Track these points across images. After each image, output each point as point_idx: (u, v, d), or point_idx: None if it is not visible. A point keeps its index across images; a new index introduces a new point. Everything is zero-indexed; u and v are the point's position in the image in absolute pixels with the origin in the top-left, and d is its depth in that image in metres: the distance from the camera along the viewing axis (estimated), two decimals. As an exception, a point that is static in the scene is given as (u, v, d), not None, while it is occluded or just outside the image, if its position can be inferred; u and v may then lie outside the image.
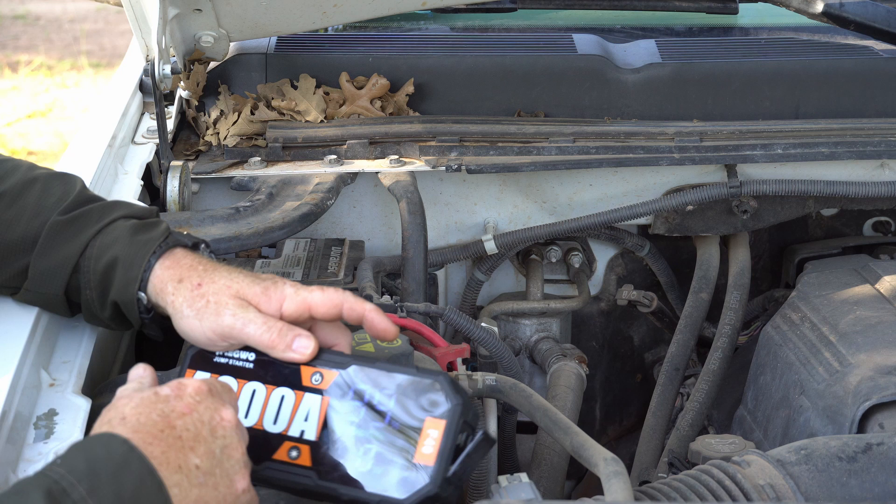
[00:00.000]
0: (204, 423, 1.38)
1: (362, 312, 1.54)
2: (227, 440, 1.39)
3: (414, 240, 2.23)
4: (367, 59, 2.56)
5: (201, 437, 1.37)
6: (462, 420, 1.41)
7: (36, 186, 1.72)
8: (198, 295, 1.57)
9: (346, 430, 1.45)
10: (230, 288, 1.56)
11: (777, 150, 2.41)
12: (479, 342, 2.08)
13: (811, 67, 2.57)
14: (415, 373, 1.46)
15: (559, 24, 2.96)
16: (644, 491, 1.65)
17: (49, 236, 1.67)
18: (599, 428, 2.71)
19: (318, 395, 1.48)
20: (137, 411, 1.36)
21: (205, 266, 1.60)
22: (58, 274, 1.67)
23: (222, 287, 1.56)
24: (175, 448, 1.34)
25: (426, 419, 1.42)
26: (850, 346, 2.00)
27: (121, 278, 1.63)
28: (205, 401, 1.40)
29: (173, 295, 1.59)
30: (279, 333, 1.51)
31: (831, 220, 2.67)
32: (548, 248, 2.58)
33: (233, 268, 1.61)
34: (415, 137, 2.42)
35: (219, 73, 2.54)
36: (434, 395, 1.43)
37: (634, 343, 2.72)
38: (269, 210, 2.20)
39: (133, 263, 1.62)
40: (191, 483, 1.34)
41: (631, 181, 2.50)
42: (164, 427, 1.35)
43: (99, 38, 8.37)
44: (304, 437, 1.46)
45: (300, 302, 1.54)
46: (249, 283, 1.56)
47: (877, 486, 1.62)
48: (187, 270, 1.60)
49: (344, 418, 1.46)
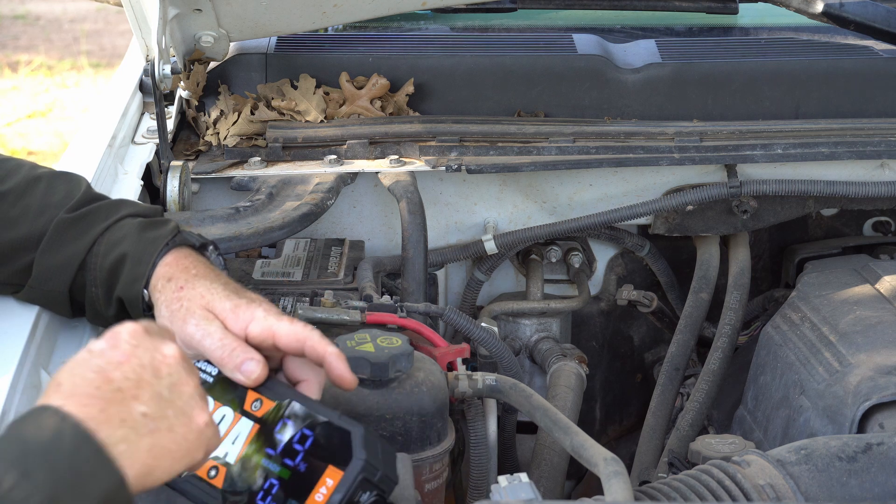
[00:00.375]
0: (145, 366, 1.31)
1: (323, 354, 1.51)
2: (175, 377, 1.32)
3: (414, 240, 2.23)
4: (367, 59, 2.56)
5: (144, 382, 1.29)
6: (363, 478, 1.39)
7: (40, 185, 1.72)
8: (175, 297, 1.57)
9: (259, 461, 1.45)
10: (203, 298, 1.56)
11: (777, 150, 2.41)
12: (479, 342, 2.08)
13: (811, 67, 2.57)
14: (337, 418, 1.44)
15: (559, 24, 2.96)
16: (644, 491, 1.65)
17: (56, 233, 1.68)
18: (599, 428, 2.71)
19: (251, 422, 1.49)
20: (71, 374, 1.28)
21: (197, 270, 1.60)
22: (64, 270, 1.67)
23: (197, 295, 1.56)
24: (115, 402, 1.26)
25: (329, 466, 1.41)
26: (850, 346, 2.00)
27: (128, 274, 1.63)
28: (142, 343, 1.33)
29: (160, 292, 1.59)
30: (230, 352, 1.50)
31: (831, 220, 2.67)
32: (548, 248, 2.58)
33: (223, 278, 1.60)
34: (415, 137, 2.42)
35: (219, 73, 2.54)
36: (350, 445, 1.42)
37: (634, 343, 2.72)
38: (269, 210, 2.20)
39: (141, 260, 1.62)
40: (139, 433, 1.25)
41: (631, 181, 2.50)
42: (101, 383, 1.27)
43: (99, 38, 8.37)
44: (225, 460, 1.47)
45: (266, 328, 1.53)
46: (222, 298, 1.55)
47: (877, 486, 1.63)
48: (180, 271, 1.60)
49: (263, 448, 1.46)
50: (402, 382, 1.70)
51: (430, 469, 1.72)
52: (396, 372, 1.69)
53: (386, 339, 1.71)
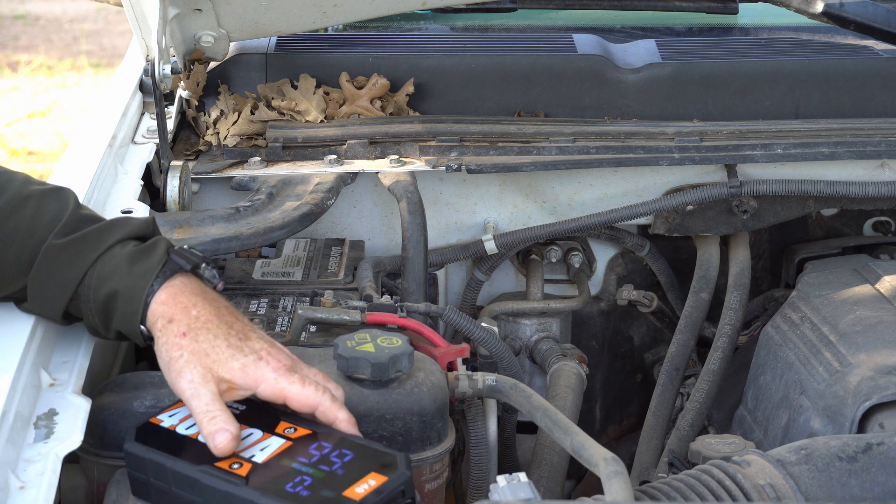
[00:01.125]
0: None
1: (334, 420, 1.58)
2: None
3: (414, 240, 2.23)
4: (367, 59, 2.56)
5: None
6: (403, 489, 1.48)
7: (30, 204, 1.69)
8: (176, 345, 1.58)
9: (291, 464, 1.51)
10: (208, 357, 1.57)
11: (777, 150, 2.41)
12: (479, 342, 2.08)
13: (811, 67, 2.57)
14: (380, 447, 1.55)
15: (559, 24, 2.96)
16: (644, 491, 1.65)
17: (45, 261, 1.66)
18: (599, 428, 2.71)
19: (283, 440, 1.54)
20: None
21: (198, 311, 1.60)
22: (56, 299, 1.66)
23: (200, 351, 1.57)
24: None
25: (371, 472, 1.48)
26: (850, 345, 2.00)
27: (122, 311, 1.62)
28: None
29: (160, 332, 1.59)
30: (210, 419, 1.53)
31: (831, 220, 2.66)
32: (548, 248, 2.58)
33: (225, 320, 1.60)
34: (415, 137, 2.42)
35: (219, 73, 2.54)
36: (391, 463, 1.50)
37: (634, 343, 2.71)
38: (269, 210, 2.20)
39: (133, 297, 1.61)
40: None
41: (631, 181, 2.50)
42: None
43: (99, 38, 8.37)
44: (252, 459, 1.51)
45: (276, 391, 1.57)
46: (228, 359, 1.57)
47: (877, 486, 1.63)
48: (180, 312, 1.60)
49: (294, 457, 1.52)
50: (402, 382, 1.70)
51: (430, 469, 1.72)
52: (396, 372, 1.69)
53: (386, 339, 1.71)
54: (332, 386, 1.61)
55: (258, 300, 2.08)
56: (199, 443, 1.54)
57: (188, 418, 1.58)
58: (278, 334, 1.93)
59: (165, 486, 1.51)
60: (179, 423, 1.58)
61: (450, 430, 1.75)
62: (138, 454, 1.53)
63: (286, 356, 1.61)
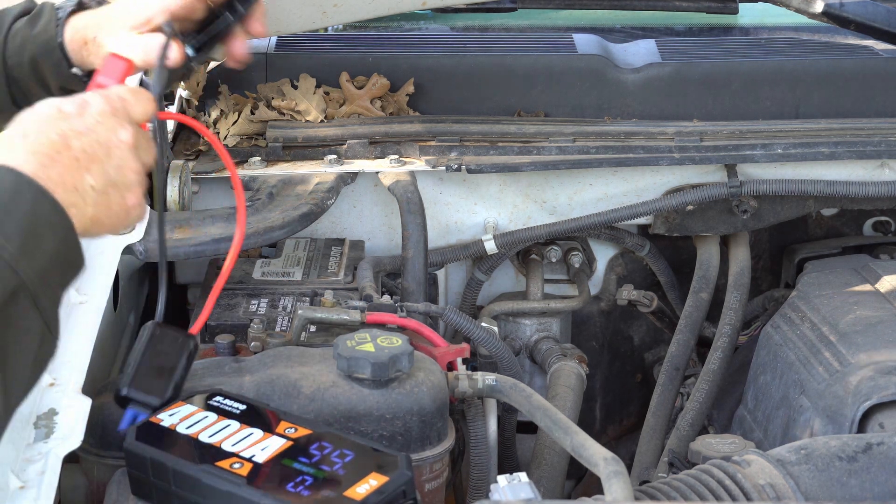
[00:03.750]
0: (101, 143, 1.44)
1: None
2: (122, 160, 1.45)
3: (414, 240, 2.23)
4: (367, 59, 2.56)
5: (97, 158, 1.43)
6: (404, 490, 1.48)
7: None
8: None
9: (291, 464, 1.51)
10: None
11: (777, 149, 2.41)
12: (479, 342, 2.08)
13: (811, 67, 2.57)
14: (381, 447, 1.55)
15: (559, 24, 2.96)
16: (644, 491, 1.65)
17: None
18: (599, 428, 2.71)
19: (283, 439, 1.55)
20: (38, 128, 1.41)
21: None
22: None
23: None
24: (71, 169, 1.40)
25: (372, 472, 1.48)
26: (850, 345, 2.00)
27: (49, 69, 1.88)
28: (105, 121, 1.46)
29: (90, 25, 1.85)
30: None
31: (831, 220, 2.67)
32: (548, 248, 2.58)
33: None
34: (415, 137, 2.42)
35: (219, 73, 2.54)
36: (392, 463, 1.50)
37: (634, 343, 2.71)
38: (269, 210, 2.20)
39: (51, 48, 1.87)
40: (86, 202, 1.40)
41: (631, 181, 2.50)
42: (61, 148, 1.40)
43: (99, 39, 8.36)
44: (252, 459, 1.52)
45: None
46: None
47: (877, 486, 1.63)
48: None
49: (295, 457, 1.52)
50: (402, 382, 1.70)
51: (430, 469, 1.72)
52: (396, 372, 1.69)
53: (386, 339, 1.71)
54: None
55: (258, 300, 2.08)
56: (200, 442, 1.54)
57: (188, 418, 1.58)
58: (278, 334, 1.93)
59: (166, 486, 1.51)
60: (179, 422, 1.58)
61: (450, 430, 1.75)
62: (138, 453, 1.53)
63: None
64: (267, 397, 1.68)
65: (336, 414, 1.67)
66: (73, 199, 1.39)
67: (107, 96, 1.49)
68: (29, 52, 1.88)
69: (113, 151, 1.45)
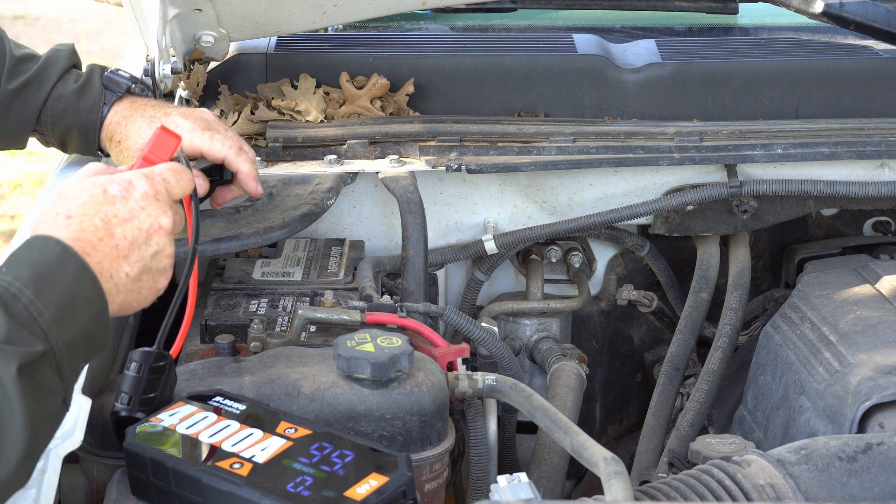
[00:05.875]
0: (142, 230, 1.48)
1: (238, 170, 1.99)
2: (160, 246, 1.50)
3: (414, 240, 2.23)
4: (367, 59, 2.56)
5: (136, 245, 1.47)
6: (404, 490, 1.49)
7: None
8: (150, 116, 2.06)
9: (291, 464, 1.51)
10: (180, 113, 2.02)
11: (777, 149, 2.41)
12: (479, 342, 2.08)
13: (811, 67, 2.57)
14: (381, 447, 1.56)
15: (559, 24, 2.96)
16: (644, 491, 1.65)
17: (2, 107, 2.06)
18: (599, 428, 2.71)
19: (283, 440, 1.55)
20: (82, 211, 1.45)
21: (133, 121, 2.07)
22: (19, 136, 2.08)
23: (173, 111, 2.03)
24: (111, 258, 1.44)
25: (372, 472, 1.49)
26: (850, 345, 2.00)
27: (78, 143, 2.08)
28: (148, 207, 1.50)
29: (113, 150, 2.06)
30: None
31: (831, 220, 2.67)
32: (548, 248, 2.58)
33: (149, 114, 2.05)
34: (415, 137, 2.42)
35: (219, 73, 2.54)
36: (392, 464, 1.51)
37: (634, 343, 2.71)
38: (269, 210, 2.20)
39: (88, 130, 2.08)
40: (118, 290, 1.46)
41: (631, 181, 2.50)
42: (104, 235, 1.45)
43: (99, 38, 8.37)
44: (252, 459, 1.52)
45: (192, 146, 1.94)
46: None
47: (877, 486, 1.63)
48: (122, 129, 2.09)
49: (295, 457, 1.53)
50: (402, 382, 1.70)
51: (430, 469, 1.72)
52: (396, 372, 1.69)
53: (386, 339, 1.72)
54: (245, 146, 1.98)
55: (258, 300, 2.08)
56: (200, 442, 1.54)
57: (188, 418, 1.58)
58: (278, 334, 1.93)
59: (166, 486, 1.51)
60: (179, 422, 1.58)
61: (450, 430, 1.75)
62: (138, 453, 1.54)
63: (202, 119, 1.97)
64: (267, 397, 1.68)
65: (336, 414, 1.67)
66: (108, 287, 1.44)
67: (151, 179, 1.52)
68: (68, 121, 2.05)
69: (152, 238, 1.49)
